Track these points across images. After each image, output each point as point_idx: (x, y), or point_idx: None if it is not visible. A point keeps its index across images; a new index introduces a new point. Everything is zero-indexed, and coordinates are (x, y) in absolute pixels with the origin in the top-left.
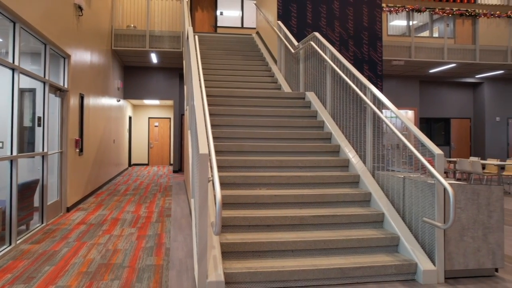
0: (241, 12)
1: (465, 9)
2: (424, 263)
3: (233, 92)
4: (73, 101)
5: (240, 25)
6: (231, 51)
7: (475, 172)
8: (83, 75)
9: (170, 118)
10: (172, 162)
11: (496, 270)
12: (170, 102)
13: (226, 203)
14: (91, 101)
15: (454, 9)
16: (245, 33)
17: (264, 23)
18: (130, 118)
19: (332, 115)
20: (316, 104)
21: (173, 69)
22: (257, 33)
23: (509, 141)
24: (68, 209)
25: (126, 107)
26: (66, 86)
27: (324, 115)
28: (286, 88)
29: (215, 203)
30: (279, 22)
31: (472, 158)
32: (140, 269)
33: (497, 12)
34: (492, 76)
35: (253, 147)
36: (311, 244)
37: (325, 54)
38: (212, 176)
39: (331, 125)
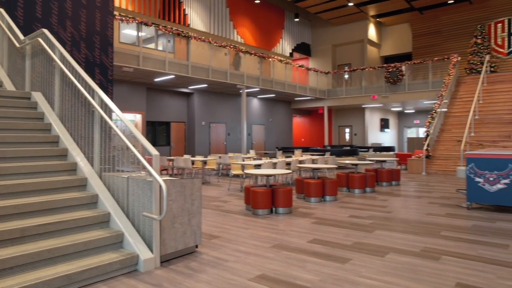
0: None
1: (181, 30)
2: (144, 253)
3: None
4: None
5: None
6: None
7: (187, 168)
8: None
9: None
10: None
11: (197, 246)
12: None
13: None
14: None
15: (174, 28)
16: None
17: None
18: None
19: (61, 117)
20: (44, 105)
21: None
22: None
23: (210, 141)
24: None
25: None
26: None
27: (52, 118)
28: (9, 86)
29: None
30: (2, 10)
31: (185, 156)
32: None
33: (202, 37)
34: (200, 88)
35: None
36: (34, 256)
37: (55, 53)
38: None
39: (59, 128)
